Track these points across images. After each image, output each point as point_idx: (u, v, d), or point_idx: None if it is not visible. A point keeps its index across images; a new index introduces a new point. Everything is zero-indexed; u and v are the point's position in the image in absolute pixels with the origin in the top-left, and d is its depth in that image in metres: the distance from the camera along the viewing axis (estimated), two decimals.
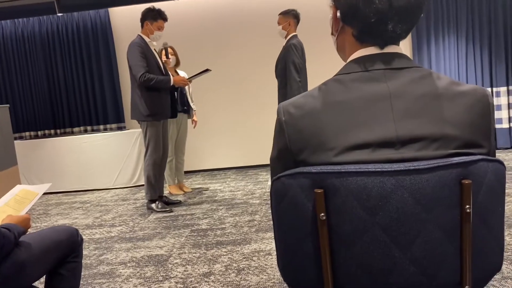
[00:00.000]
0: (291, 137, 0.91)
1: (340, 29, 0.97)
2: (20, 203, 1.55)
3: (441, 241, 0.83)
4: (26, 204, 1.55)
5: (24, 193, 1.62)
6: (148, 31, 4.08)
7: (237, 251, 2.94)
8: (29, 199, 1.60)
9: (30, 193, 1.61)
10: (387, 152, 0.85)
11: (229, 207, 4.17)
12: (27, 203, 1.56)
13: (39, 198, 1.61)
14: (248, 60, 6.09)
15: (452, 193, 0.82)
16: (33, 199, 1.60)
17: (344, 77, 0.91)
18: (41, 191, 1.64)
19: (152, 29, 4.07)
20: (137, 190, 5.40)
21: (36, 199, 1.61)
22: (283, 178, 0.90)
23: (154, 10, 4.07)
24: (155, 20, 4.05)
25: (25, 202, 1.56)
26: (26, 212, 1.55)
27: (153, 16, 4.05)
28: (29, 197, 1.62)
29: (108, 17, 6.13)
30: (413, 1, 0.88)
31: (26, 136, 6.35)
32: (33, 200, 1.60)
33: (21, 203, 1.55)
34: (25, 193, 1.61)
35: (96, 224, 4.02)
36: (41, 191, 1.64)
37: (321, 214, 0.85)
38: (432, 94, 0.87)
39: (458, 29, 5.90)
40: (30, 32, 6.21)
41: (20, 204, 1.54)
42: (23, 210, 1.53)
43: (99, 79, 6.24)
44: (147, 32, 4.08)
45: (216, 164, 6.31)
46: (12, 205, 1.60)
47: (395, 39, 0.92)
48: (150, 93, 4.00)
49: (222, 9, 6.05)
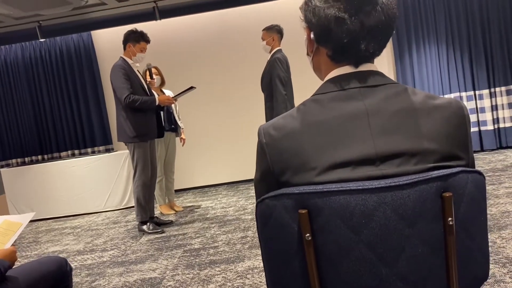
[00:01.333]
0: (273, 158, 0.92)
1: (315, 49, 0.99)
2: (4, 235, 1.52)
3: (426, 255, 0.84)
4: (10, 236, 1.52)
5: (7, 224, 1.58)
6: (130, 53, 4.09)
7: (231, 270, 2.92)
8: (13, 230, 1.57)
9: (13, 224, 1.58)
10: (367, 169, 0.85)
11: (221, 224, 4.15)
12: (11, 235, 1.53)
13: (23, 228, 1.57)
14: (234, 76, 6.12)
15: (433, 206, 0.83)
16: (17, 230, 1.57)
17: (321, 96, 0.92)
18: (25, 221, 1.61)
19: (135, 51, 4.08)
20: (128, 212, 5.36)
21: (20, 230, 1.58)
22: (267, 200, 0.90)
23: (136, 32, 4.08)
24: (137, 42, 4.07)
25: (9, 234, 1.53)
26: (11, 244, 1.52)
27: (136, 38, 4.06)
28: (13, 228, 1.58)
29: (91, 40, 6.14)
30: (384, 20, 0.90)
31: (13, 163, 6.28)
32: (17, 231, 1.57)
33: (4, 235, 1.52)
34: (7, 224, 1.58)
35: (87, 249, 3.96)
36: (25, 221, 1.61)
37: (306, 235, 0.85)
38: (408, 109, 0.88)
39: (438, 36, 6.01)
40: (13, 58, 6.19)
41: (4, 237, 1.51)
42: (8, 243, 1.50)
43: (84, 102, 6.22)
44: (130, 54, 4.09)
45: (206, 181, 6.29)
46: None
47: (369, 58, 0.94)
48: (135, 114, 3.99)
49: (205, 27, 6.10)
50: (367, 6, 0.89)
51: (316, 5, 0.92)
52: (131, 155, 4.10)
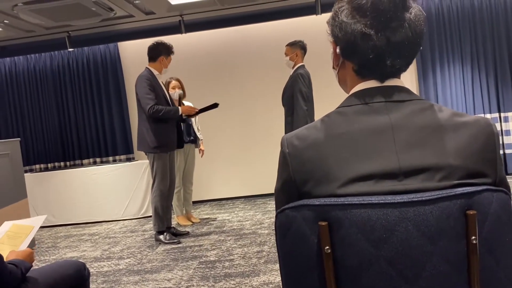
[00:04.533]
0: (295, 168, 0.92)
1: (340, 63, 0.99)
2: (15, 238, 1.54)
3: (448, 274, 0.82)
4: (23, 239, 1.54)
5: (17, 228, 1.61)
6: (162, 65, 4.17)
7: (246, 284, 2.90)
8: (25, 233, 1.59)
9: (24, 227, 1.60)
10: (390, 183, 0.85)
11: (238, 237, 4.14)
12: (23, 238, 1.55)
13: (36, 230, 1.59)
14: (255, 90, 6.16)
15: (457, 224, 0.81)
16: (29, 233, 1.59)
17: (346, 109, 0.92)
18: (36, 224, 1.63)
19: (167, 63, 4.18)
20: (145, 221, 5.39)
21: (33, 232, 1.60)
22: (287, 211, 0.90)
23: (168, 45, 4.18)
24: (168, 55, 4.17)
25: (21, 237, 1.56)
26: (25, 246, 1.54)
27: (168, 51, 4.16)
28: (25, 231, 1.61)
29: (117, 51, 6.28)
30: (411, 36, 0.90)
31: (36, 168, 6.42)
32: (30, 234, 1.59)
33: (16, 238, 1.54)
34: (17, 228, 1.61)
35: (104, 256, 4.00)
36: (36, 224, 1.63)
37: (326, 247, 0.85)
38: (434, 125, 0.88)
39: (463, 55, 5.94)
40: (42, 67, 6.38)
41: (16, 239, 1.54)
42: (21, 245, 1.52)
43: (108, 112, 6.34)
44: (161, 66, 4.18)
45: (224, 194, 6.30)
46: (6, 241, 1.59)
47: (395, 73, 0.93)
48: (157, 125, 4.05)
49: (228, 42, 6.18)
50: (394, 22, 0.89)
51: (342, 20, 0.92)
52: (150, 165, 4.15)
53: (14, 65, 6.40)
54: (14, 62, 6.40)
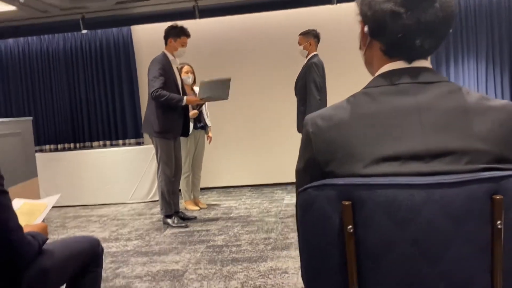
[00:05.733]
0: (318, 148, 0.92)
1: (368, 43, 0.98)
2: (30, 215, 1.57)
3: (471, 257, 0.82)
4: (37, 216, 1.57)
5: (29, 205, 1.63)
6: (172, 48, 4.16)
7: (253, 269, 2.92)
8: (39, 210, 1.62)
9: (38, 205, 1.62)
10: (416, 165, 0.84)
11: (245, 224, 4.15)
12: (37, 215, 1.58)
13: (49, 209, 1.62)
14: (266, 79, 6.13)
15: (482, 208, 0.81)
16: (43, 210, 1.62)
17: (372, 90, 0.92)
18: (51, 202, 1.65)
19: (176, 46, 4.15)
20: (153, 205, 5.43)
21: (47, 210, 1.62)
22: (309, 190, 0.90)
23: (176, 27, 4.16)
24: (178, 36, 4.15)
25: (35, 214, 1.58)
26: (40, 221, 1.56)
27: (176, 33, 4.14)
28: (39, 208, 1.63)
29: (130, 35, 6.28)
30: (441, 16, 0.89)
31: (47, 149, 6.47)
32: (44, 211, 1.61)
33: (30, 215, 1.56)
34: (30, 206, 1.63)
35: (112, 237, 4.04)
36: (50, 202, 1.65)
37: (348, 227, 0.85)
38: (462, 108, 0.87)
39: (478, 52, 5.86)
40: (55, 48, 6.39)
41: (30, 216, 1.56)
42: (36, 220, 1.54)
43: (119, 95, 6.35)
44: (171, 49, 4.17)
45: (231, 182, 6.31)
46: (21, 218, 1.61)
47: (423, 54, 0.92)
48: (164, 111, 4.05)
49: (241, 29, 6.14)
50: (425, 1, 0.88)
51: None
52: (155, 148, 4.18)
53: (27, 45, 6.42)
54: (27, 42, 6.42)
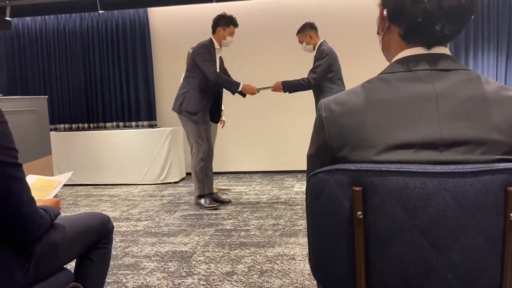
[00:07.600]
0: (331, 133, 0.91)
1: (386, 28, 0.96)
2: (42, 190, 1.59)
3: (481, 248, 0.81)
4: (50, 191, 1.59)
5: (43, 181, 1.66)
6: (220, 36, 4.17)
7: (261, 253, 2.94)
8: (52, 186, 1.64)
9: (51, 181, 1.65)
10: (430, 153, 0.83)
11: (254, 209, 4.17)
12: (50, 190, 1.60)
13: (62, 185, 1.65)
14: (279, 68, 6.09)
15: (496, 199, 0.80)
16: (56, 186, 1.64)
17: (388, 75, 0.90)
18: (63, 179, 1.68)
19: (225, 35, 4.16)
20: (164, 187, 5.47)
21: (59, 186, 1.65)
22: (320, 174, 0.89)
23: (226, 16, 4.16)
24: (227, 26, 4.16)
25: (47, 190, 1.61)
26: (52, 196, 1.59)
27: (226, 22, 4.15)
28: (51, 184, 1.66)
29: (146, 17, 6.27)
30: (464, 2, 0.86)
31: (61, 128, 6.54)
32: (56, 187, 1.64)
33: (43, 191, 1.59)
34: (44, 182, 1.66)
35: (123, 217, 4.09)
36: (63, 179, 1.68)
37: (358, 213, 0.84)
38: (480, 97, 0.85)
39: (499, 46, 5.74)
40: (71, 27, 6.42)
41: (43, 192, 1.58)
42: (49, 196, 1.57)
43: (134, 77, 6.37)
44: (219, 37, 4.18)
45: (242, 167, 6.33)
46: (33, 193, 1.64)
47: (443, 40, 0.90)
48: (195, 93, 4.11)
49: (257, 14, 6.09)
50: None
51: None
52: (184, 129, 4.26)
53: (44, 24, 6.46)
54: (45, 21, 6.46)
